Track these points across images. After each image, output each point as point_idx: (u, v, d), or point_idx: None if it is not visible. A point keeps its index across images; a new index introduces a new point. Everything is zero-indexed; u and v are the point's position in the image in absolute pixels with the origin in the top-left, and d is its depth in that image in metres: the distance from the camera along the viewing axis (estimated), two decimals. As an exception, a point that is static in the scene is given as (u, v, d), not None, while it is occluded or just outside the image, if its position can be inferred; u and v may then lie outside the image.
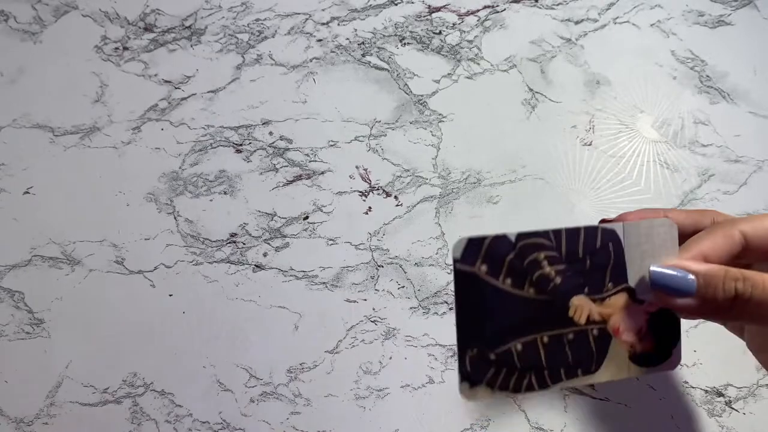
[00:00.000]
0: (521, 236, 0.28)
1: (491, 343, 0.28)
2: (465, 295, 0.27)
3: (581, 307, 0.29)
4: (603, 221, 0.32)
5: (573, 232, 0.29)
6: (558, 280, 0.29)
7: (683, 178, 0.63)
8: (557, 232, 0.29)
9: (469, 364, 0.28)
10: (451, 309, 0.58)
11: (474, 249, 0.27)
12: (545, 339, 0.29)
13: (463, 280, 0.27)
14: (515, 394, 0.28)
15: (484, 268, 0.28)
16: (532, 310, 0.28)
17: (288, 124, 0.62)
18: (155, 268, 0.57)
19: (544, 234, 0.29)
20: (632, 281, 0.30)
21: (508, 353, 0.28)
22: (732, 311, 0.28)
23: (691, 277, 0.28)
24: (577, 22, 0.68)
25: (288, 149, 0.61)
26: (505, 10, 0.68)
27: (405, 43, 0.65)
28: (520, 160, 0.62)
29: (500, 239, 0.28)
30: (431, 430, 0.55)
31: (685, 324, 0.58)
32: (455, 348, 0.39)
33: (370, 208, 0.60)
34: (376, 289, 0.57)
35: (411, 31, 0.66)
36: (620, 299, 0.29)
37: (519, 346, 0.28)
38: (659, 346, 0.30)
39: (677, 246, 0.30)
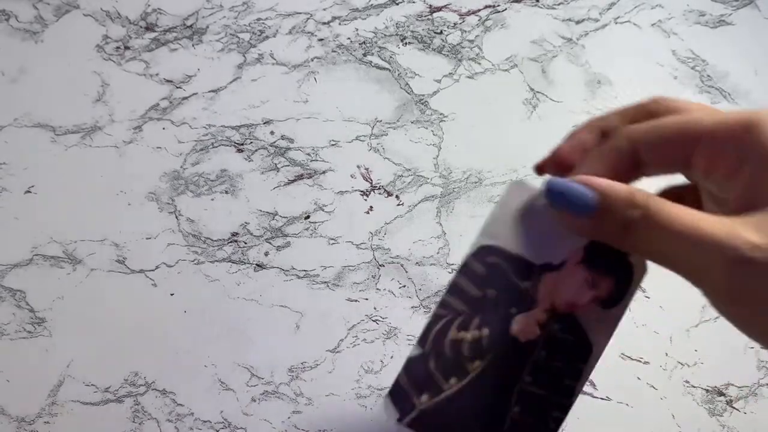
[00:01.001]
0: (422, 340, 0.27)
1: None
2: (430, 430, 0.26)
3: (525, 326, 0.27)
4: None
5: (456, 285, 0.27)
6: (485, 331, 0.27)
7: (684, 178, 0.63)
8: (445, 301, 0.27)
9: None
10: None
11: (401, 397, 0.26)
12: (527, 379, 0.26)
13: (420, 425, 0.26)
14: None
15: (423, 398, 0.26)
16: (494, 376, 0.26)
17: (289, 124, 0.62)
18: (156, 268, 0.57)
19: (437, 315, 0.27)
20: (535, 257, 0.27)
21: (513, 414, 0.26)
22: (625, 241, 0.24)
23: (591, 194, 0.23)
24: (578, 22, 0.68)
25: (289, 149, 0.61)
26: (506, 9, 0.68)
27: (406, 43, 0.66)
28: (521, 160, 0.62)
29: (411, 365, 0.26)
30: (432, 430, 0.55)
31: (686, 323, 0.58)
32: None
33: (371, 207, 0.60)
34: (377, 289, 0.57)
35: (412, 31, 0.66)
36: (546, 283, 0.27)
37: (516, 408, 0.26)
38: (617, 273, 0.27)
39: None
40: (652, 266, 0.27)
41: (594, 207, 0.23)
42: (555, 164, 0.29)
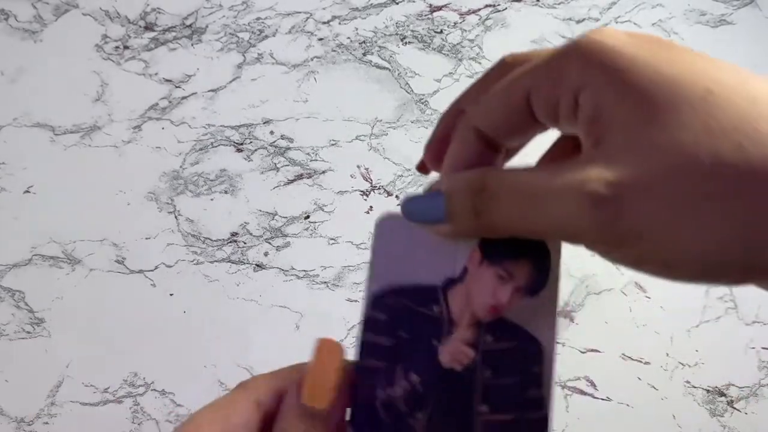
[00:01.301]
0: (353, 418, 0.24)
1: None
2: None
3: (454, 352, 0.24)
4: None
5: (364, 345, 0.24)
6: (414, 378, 0.24)
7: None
8: (360, 368, 0.24)
9: None
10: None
11: None
12: (483, 409, 0.23)
13: None
14: None
15: None
16: (445, 420, 0.23)
17: (289, 123, 0.62)
18: (156, 268, 0.56)
19: (359, 386, 0.24)
20: (432, 278, 0.24)
21: None
22: (489, 229, 0.21)
23: (438, 200, 0.21)
24: (578, 21, 0.68)
25: (289, 148, 0.61)
26: (506, 9, 0.67)
27: (406, 42, 0.65)
28: (521, 160, 0.62)
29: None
30: (432, 430, 0.55)
31: (687, 324, 0.58)
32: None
33: (371, 207, 0.59)
34: (377, 289, 0.57)
35: (412, 30, 0.66)
36: (456, 298, 0.24)
37: None
38: (527, 252, 0.24)
39: None
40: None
41: (443, 212, 0.21)
42: (430, 160, 0.27)
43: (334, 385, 0.21)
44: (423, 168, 0.26)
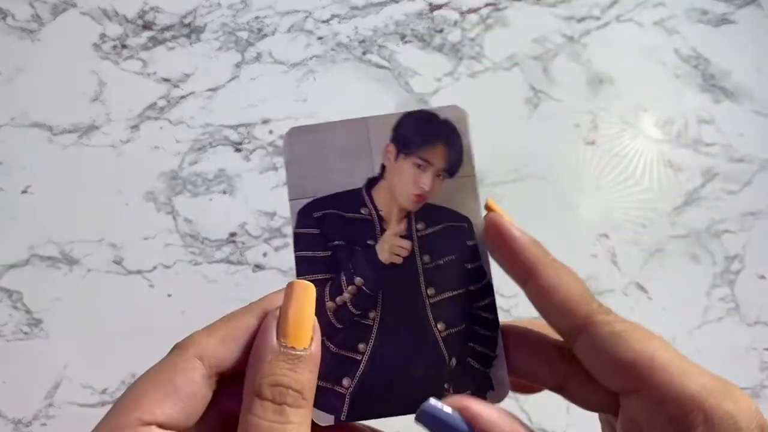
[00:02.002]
0: None
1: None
2: (375, 408, 0.23)
3: (391, 247, 0.24)
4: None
5: (301, 261, 0.24)
6: (358, 280, 0.24)
7: (687, 177, 0.62)
8: None
9: None
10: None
11: (322, 397, 0.23)
12: (429, 292, 0.24)
13: (362, 410, 0.23)
14: None
15: (345, 382, 0.23)
16: (398, 313, 0.24)
17: (288, 123, 0.61)
18: (154, 268, 0.56)
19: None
20: (353, 182, 0.24)
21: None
22: None
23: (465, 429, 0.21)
24: (579, 20, 0.67)
25: (288, 148, 0.61)
26: (507, 7, 0.67)
27: (406, 41, 0.65)
28: (522, 160, 0.61)
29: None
30: None
31: (689, 325, 0.57)
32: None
33: (370, 207, 0.59)
34: (376, 290, 0.57)
35: (412, 29, 0.65)
36: (380, 196, 0.24)
37: (440, 325, 0.24)
38: (439, 136, 0.25)
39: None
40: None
41: None
42: None
43: (313, 324, 0.21)
44: None
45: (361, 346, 0.23)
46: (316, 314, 0.23)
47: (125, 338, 0.54)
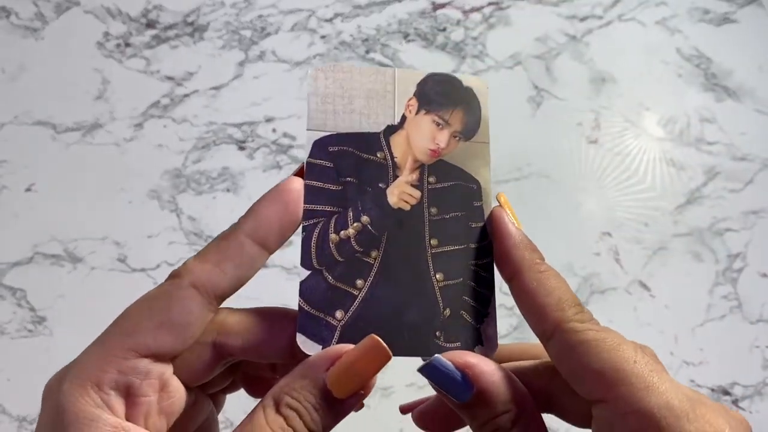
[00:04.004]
0: (305, 260, 0.24)
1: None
2: None
3: (401, 193, 0.24)
4: None
5: (310, 189, 0.24)
6: (365, 219, 0.24)
7: (689, 176, 0.62)
8: (307, 211, 0.24)
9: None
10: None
11: (314, 326, 0.23)
12: (432, 242, 0.24)
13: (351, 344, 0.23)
14: None
15: (338, 314, 0.23)
16: (399, 256, 0.24)
17: (291, 121, 0.61)
18: (158, 266, 0.56)
19: (307, 227, 0.24)
20: (372, 125, 0.25)
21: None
22: None
23: (468, 388, 0.21)
24: (582, 19, 0.67)
25: (291, 146, 0.61)
26: (509, 7, 0.67)
27: (409, 40, 0.65)
28: (525, 158, 0.61)
29: (307, 289, 0.24)
30: (436, 429, 0.55)
31: (691, 323, 0.58)
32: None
33: (374, 205, 0.59)
34: (380, 288, 0.57)
35: (415, 28, 0.66)
36: (398, 144, 0.25)
37: (438, 275, 0.24)
38: (460, 101, 0.26)
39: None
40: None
41: (467, 399, 0.21)
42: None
43: (363, 386, 0.21)
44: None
45: (359, 282, 0.24)
46: (319, 244, 0.23)
47: (129, 336, 0.54)
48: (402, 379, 0.54)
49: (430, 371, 0.22)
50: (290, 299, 0.59)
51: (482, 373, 0.21)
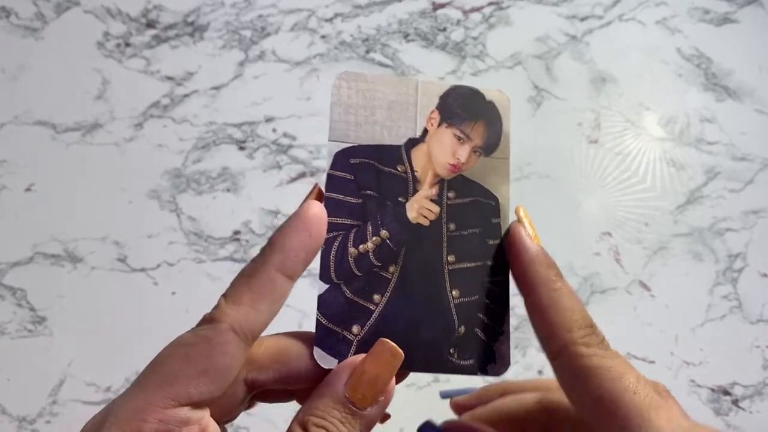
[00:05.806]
0: (324, 274, 0.24)
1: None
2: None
3: (420, 208, 0.24)
4: None
5: (330, 202, 0.24)
6: (384, 233, 0.24)
7: (689, 176, 0.62)
8: (327, 225, 0.24)
9: None
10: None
11: (331, 340, 0.23)
12: (449, 259, 0.24)
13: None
14: None
15: (355, 329, 0.24)
16: (416, 271, 0.24)
17: (291, 121, 0.61)
18: (158, 266, 0.56)
19: (327, 240, 0.24)
20: (394, 138, 0.25)
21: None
22: None
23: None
24: (582, 19, 0.67)
25: (292, 146, 0.61)
26: (509, 6, 0.67)
27: (409, 40, 0.65)
28: (525, 158, 0.61)
29: (325, 302, 0.24)
30: (436, 429, 0.55)
31: (692, 322, 0.57)
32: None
33: (374, 205, 0.59)
34: (380, 288, 0.57)
35: (415, 28, 0.66)
36: (419, 157, 0.25)
37: (455, 292, 0.24)
38: (483, 115, 0.26)
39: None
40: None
41: None
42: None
43: (384, 390, 0.21)
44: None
45: (376, 297, 0.24)
46: (338, 258, 0.23)
47: (129, 336, 0.54)
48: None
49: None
50: (290, 298, 0.59)
51: None
